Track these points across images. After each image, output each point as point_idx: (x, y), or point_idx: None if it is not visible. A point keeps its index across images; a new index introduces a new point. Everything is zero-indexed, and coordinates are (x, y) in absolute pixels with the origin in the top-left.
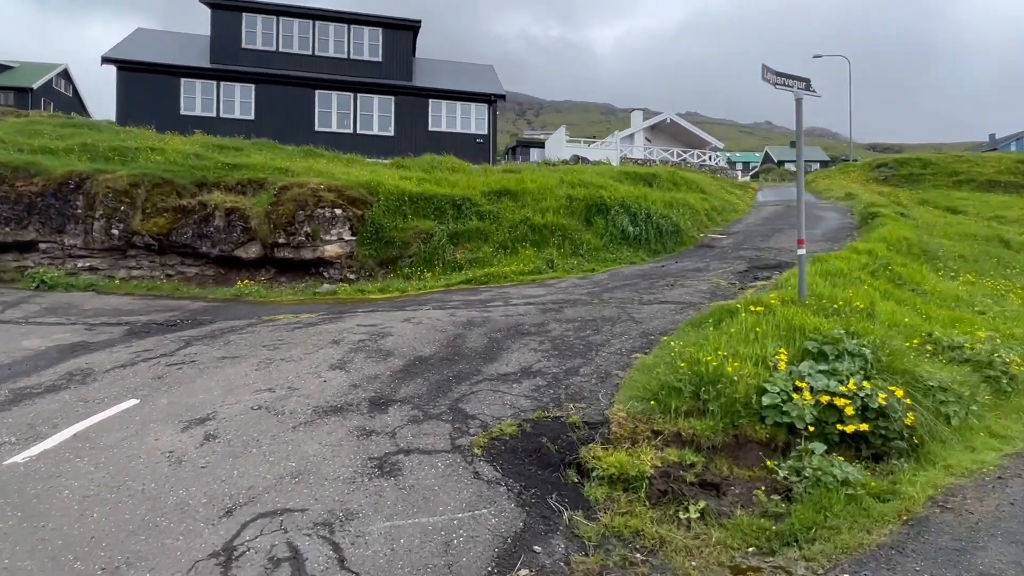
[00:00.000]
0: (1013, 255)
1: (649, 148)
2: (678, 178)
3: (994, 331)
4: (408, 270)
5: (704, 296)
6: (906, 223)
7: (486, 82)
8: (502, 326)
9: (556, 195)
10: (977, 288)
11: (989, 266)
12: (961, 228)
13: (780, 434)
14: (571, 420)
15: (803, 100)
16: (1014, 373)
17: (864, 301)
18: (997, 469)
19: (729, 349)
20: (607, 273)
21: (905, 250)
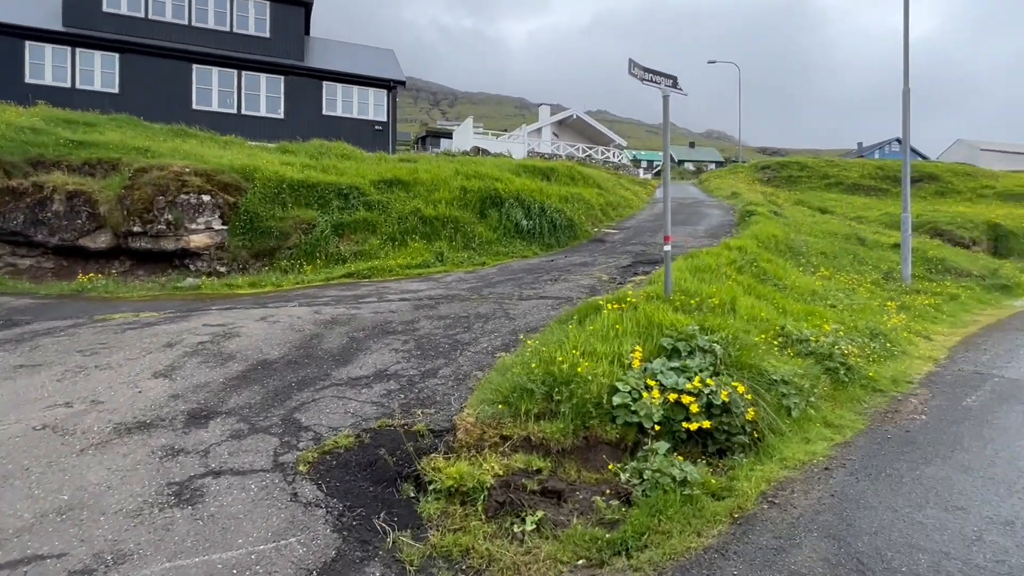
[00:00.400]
0: (867, 252)
1: (556, 143)
2: (576, 173)
3: (840, 323)
4: (287, 263)
5: (583, 291)
6: (777, 221)
7: (386, 67)
8: (368, 324)
9: (450, 186)
10: (832, 283)
11: (846, 262)
12: (826, 227)
13: (630, 434)
14: (416, 428)
15: (670, 98)
16: (851, 364)
17: (727, 296)
18: (826, 460)
19: (587, 347)
20: (496, 267)
21: (773, 247)
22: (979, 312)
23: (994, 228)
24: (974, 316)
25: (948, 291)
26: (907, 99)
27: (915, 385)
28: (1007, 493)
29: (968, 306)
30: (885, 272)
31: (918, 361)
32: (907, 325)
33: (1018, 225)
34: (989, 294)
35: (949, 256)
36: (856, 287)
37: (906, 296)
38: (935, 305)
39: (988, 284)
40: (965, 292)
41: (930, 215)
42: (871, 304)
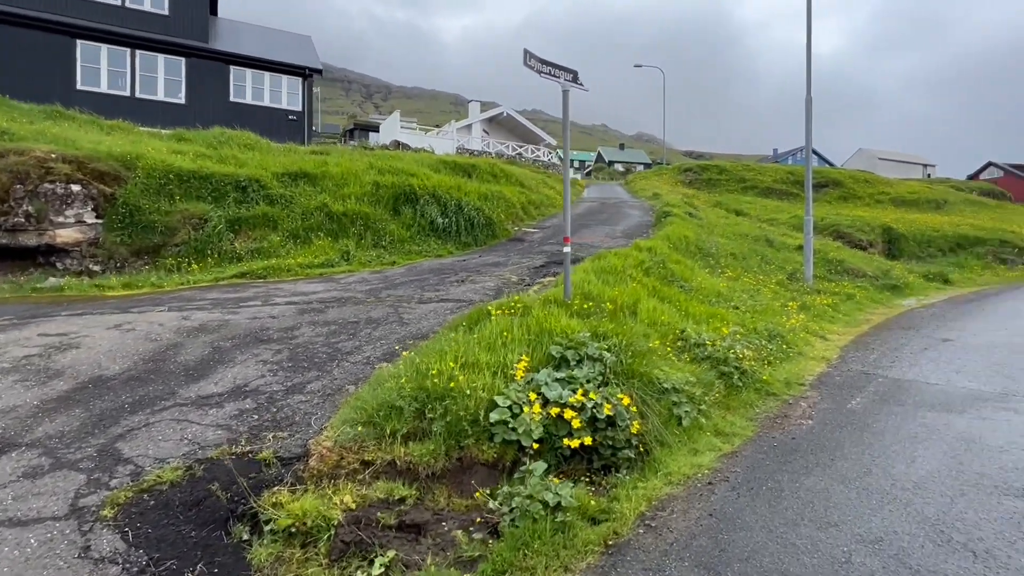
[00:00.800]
0: (775, 253)
1: (486, 140)
2: (498, 170)
3: (741, 325)
4: (173, 261)
5: (488, 293)
6: (691, 223)
7: (302, 53)
8: (240, 332)
9: (362, 181)
10: (738, 284)
11: (754, 263)
12: (738, 229)
13: (509, 453)
14: (263, 456)
15: (569, 93)
16: (745, 368)
17: (629, 299)
18: (710, 473)
19: (469, 357)
20: (405, 267)
21: (684, 248)
22: (872, 311)
23: (888, 231)
24: (867, 315)
25: (845, 291)
26: (809, 107)
27: (806, 387)
28: (879, 504)
29: (862, 305)
30: (790, 273)
31: (812, 362)
32: (805, 325)
33: (908, 229)
34: (881, 293)
35: (847, 258)
36: (761, 288)
37: (807, 296)
38: (833, 305)
39: (881, 284)
40: (860, 292)
41: (833, 218)
42: (773, 305)
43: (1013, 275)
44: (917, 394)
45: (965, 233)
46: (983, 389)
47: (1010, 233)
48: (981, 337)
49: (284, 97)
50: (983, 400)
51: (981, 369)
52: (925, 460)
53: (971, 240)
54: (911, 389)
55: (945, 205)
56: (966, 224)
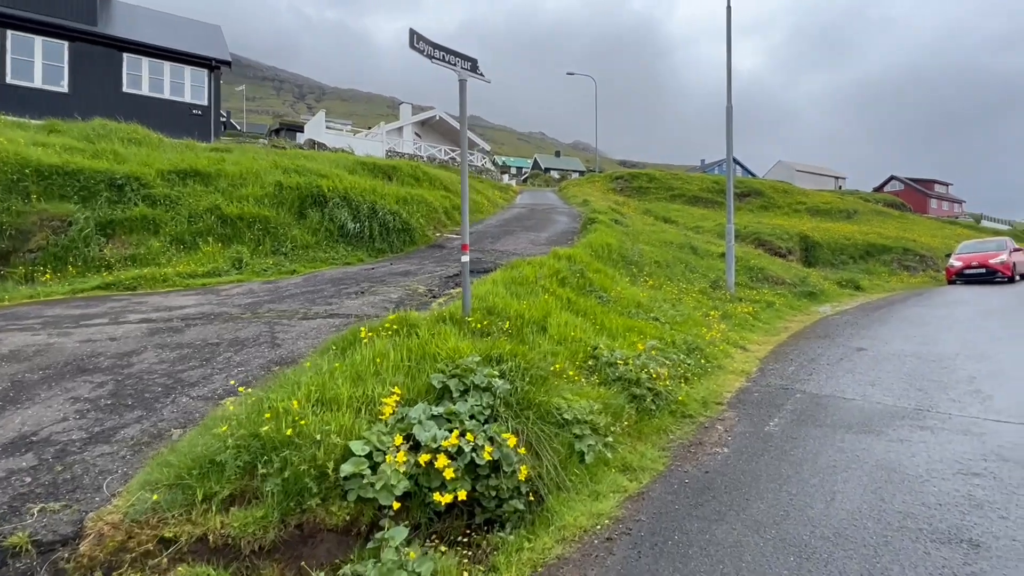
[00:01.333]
0: (699, 261)
1: (418, 143)
2: (421, 173)
3: (659, 338)
4: (25, 270)
5: (387, 307)
6: (616, 230)
7: (209, 43)
8: (60, 360)
9: (264, 181)
10: (660, 293)
11: (678, 271)
12: (663, 236)
13: (367, 513)
14: (12, 541)
15: (466, 83)
16: (659, 389)
17: (539, 313)
18: (611, 524)
19: (327, 392)
20: (304, 277)
21: (606, 255)
22: (790, 318)
23: (805, 239)
24: (786, 323)
25: (766, 298)
26: (730, 116)
27: (724, 406)
28: (796, 563)
29: (782, 313)
30: (713, 281)
31: (732, 376)
32: (726, 335)
33: (823, 237)
34: (799, 301)
35: (768, 265)
36: (684, 297)
37: (729, 304)
38: (754, 313)
39: (799, 291)
40: (780, 299)
41: (755, 227)
42: (695, 315)
43: (916, 281)
44: (835, 412)
45: (873, 242)
46: (898, 405)
47: (912, 242)
48: (892, 346)
49: (187, 90)
50: (900, 418)
51: (895, 381)
52: (845, 496)
53: (879, 248)
54: (829, 406)
55: (855, 215)
56: (874, 233)
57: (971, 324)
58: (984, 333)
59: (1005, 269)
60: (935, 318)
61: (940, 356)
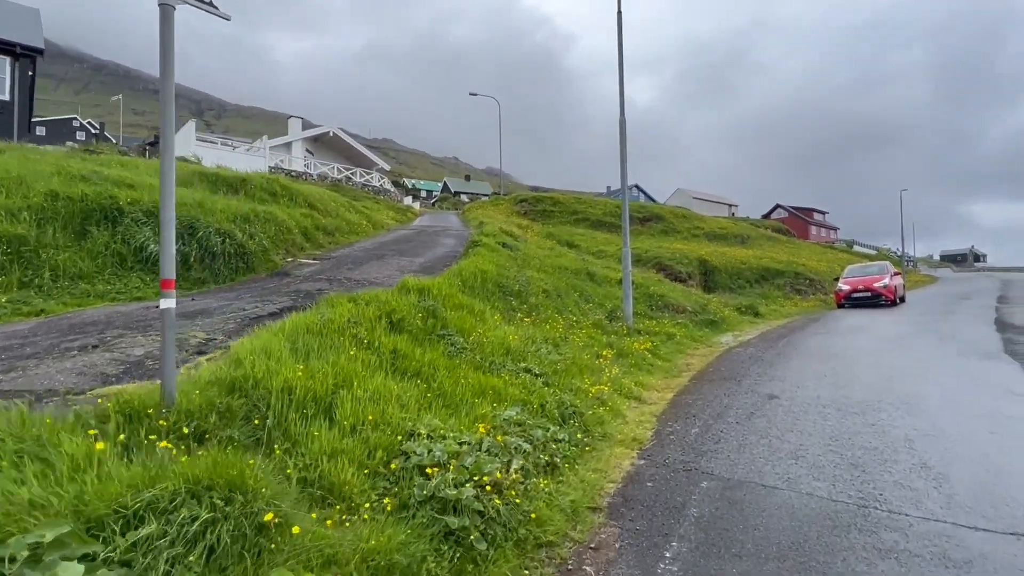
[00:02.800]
0: (595, 288)
1: (309, 160)
2: (278, 187)
3: (524, 402)
4: None
5: (110, 372)
6: (500, 254)
7: (16, 28)
8: None
9: (32, 190)
10: (542, 330)
11: (571, 301)
12: (559, 261)
13: None
14: None
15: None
16: (493, 515)
17: (328, 383)
18: None
19: None
20: (46, 320)
21: (478, 286)
22: (692, 352)
23: (704, 264)
24: (687, 358)
25: (666, 330)
26: (623, 128)
27: (602, 516)
28: None
29: (683, 346)
30: (610, 311)
31: (619, 450)
32: (618, 384)
33: (721, 261)
34: (700, 331)
35: (668, 292)
36: (573, 332)
37: (626, 339)
38: (653, 348)
39: (700, 320)
40: (680, 330)
41: (656, 251)
42: (582, 358)
43: (808, 305)
44: (756, 519)
45: (767, 266)
46: (836, 499)
47: (801, 266)
48: (805, 390)
49: None
50: (843, 528)
51: (821, 452)
52: None
53: (772, 272)
54: (747, 506)
55: (748, 240)
56: (767, 258)
57: (877, 357)
58: (894, 369)
59: (888, 293)
60: (839, 349)
61: (862, 405)
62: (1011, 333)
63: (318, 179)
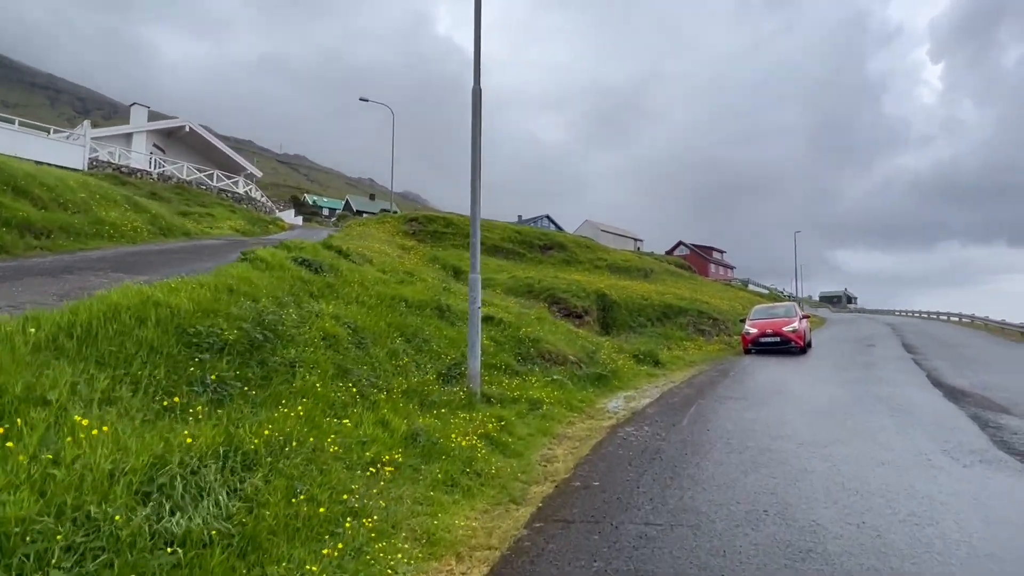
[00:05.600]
0: (444, 329)
1: (155, 156)
2: None
3: None
4: None
5: None
6: (277, 275)
7: None
8: None
9: None
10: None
11: (384, 351)
12: (399, 291)
13: None
14: None
15: None
16: None
17: None
18: None
19: None
20: None
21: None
22: (563, 432)
23: (602, 298)
24: (551, 447)
25: (531, 393)
26: (477, 99)
27: None
28: None
29: (552, 420)
30: (451, 366)
31: None
32: (363, 558)
33: (621, 296)
34: (582, 391)
35: (546, 335)
36: (355, 411)
37: (459, 415)
38: (500, 430)
39: (584, 374)
40: (553, 392)
41: (551, 281)
42: (313, 490)
43: (712, 348)
44: None
45: (670, 303)
46: None
47: (705, 304)
48: (737, 539)
49: None
50: None
51: None
52: None
53: (675, 310)
54: None
55: (652, 274)
56: (670, 294)
57: (829, 456)
58: (870, 489)
59: (798, 338)
60: (766, 433)
61: None
62: (969, 405)
63: (158, 179)
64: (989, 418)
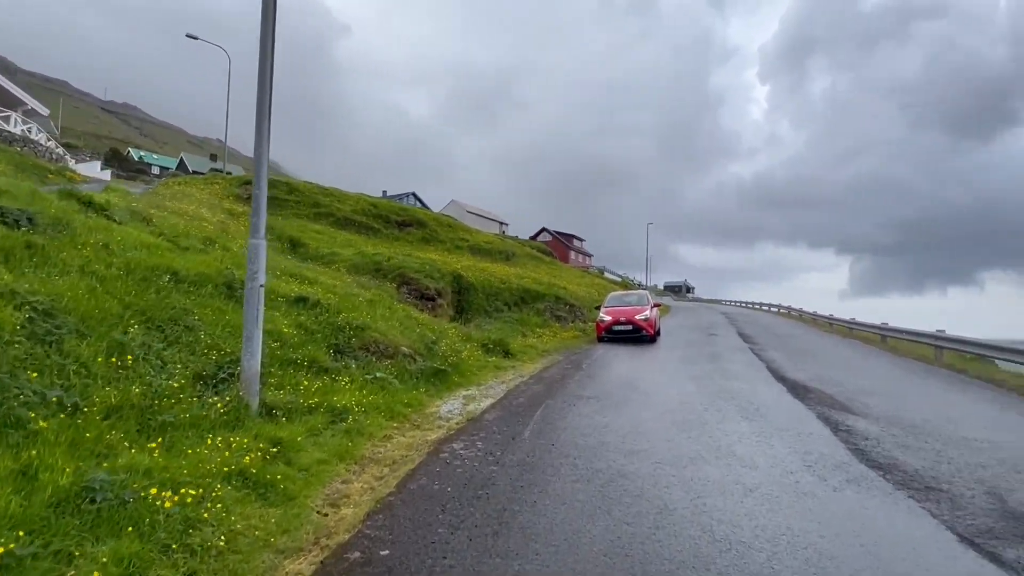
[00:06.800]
0: (224, 313)
1: None
2: None
3: None
4: None
5: None
6: None
7: None
8: None
9: None
10: None
11: (90, 350)
12: (172, 262)
13: None
14: None
15: None
16: None
17: None
18: None
19: None
20: None
21: None
22: (376, 447)
23: (459, 279)
24: (348, 478)
25: (337, 399)
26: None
27: None
28: None
29: (360, 433)
30: (220, 365)
31: None
32: None
33: (479, 278)
34: (413, 390)
35: (376, 321)
36: None
37: (207, 444)
38: (262, 470)
39: (418, 369)
40: (370, 396)
41: (403, 259)
42: None
43: (568, 335)
44: None
45: (528, 287)
46: None
47: (563, 290)
48: None
49: None
50: None
51: None
52: None
53: (533, 295)
54: None
55: (513, 257)
56: (529, 278)
57: (690, 478)
58: (727, 522)
59: (649, 327)
60: (619, 443)
61: None
62: (814, 403)
63: None
64: (838, 420)
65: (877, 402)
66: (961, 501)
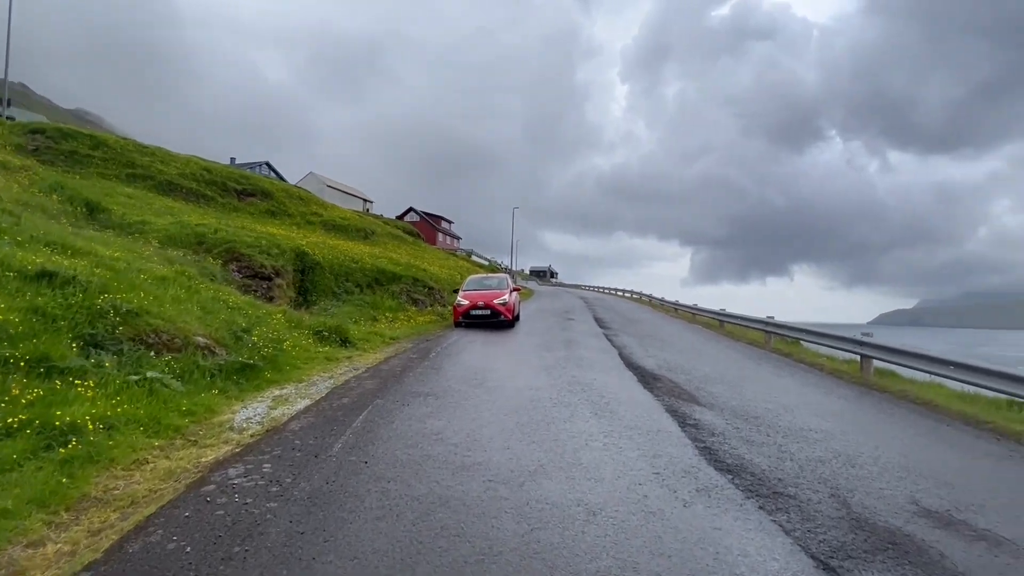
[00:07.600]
0: None
1: None
2: None
3: None
4: None
5: None
6: None
7: None
8: None
9: None
10: None
11: None
12: None
13: None
14: None
15: None
16: None
17: None
18: None
19: None
20: None
21: None
22: (117, 477)
23: (302, 257)
24: (46, 538)
25: (55, 414)
26: None
27: None
28: None
29: (94, 461)
30: None
31: None
32: None
33: (327, 256)
34: (201, 393)
35: (160, 306)
36: None
37: None
38: None
39: (216, 364)
40: (129, 405)
41: (234, 232)
42: None
43: (423, 319)
44: None
45: (384, 268)
46: None
47: (422, 271)
48: None
49: None
50: None
51: None
52: None
53: (389, 276)
54: None
55: (373, 236)
56: (385, 258)
57: (518, 491)
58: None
59: (507, 311)
60: (449, 455)
61: None
62: (663, 395)
63: None
64: (685, 413)
65: (721, 391)
66: (809, 509)
